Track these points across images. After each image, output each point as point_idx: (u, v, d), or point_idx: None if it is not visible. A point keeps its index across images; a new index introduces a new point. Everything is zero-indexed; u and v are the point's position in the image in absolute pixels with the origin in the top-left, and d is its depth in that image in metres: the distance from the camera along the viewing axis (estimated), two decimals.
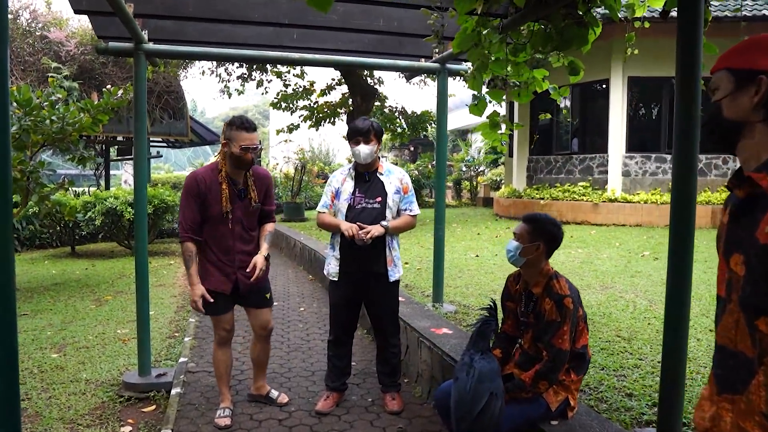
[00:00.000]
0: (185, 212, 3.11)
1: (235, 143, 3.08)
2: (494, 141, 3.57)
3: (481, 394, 2.21)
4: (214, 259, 3.21)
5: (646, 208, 10.64)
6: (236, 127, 3.10)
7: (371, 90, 12.19)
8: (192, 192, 3.11)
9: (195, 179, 3.13)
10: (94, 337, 5.09)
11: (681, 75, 2.08)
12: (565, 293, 2.40)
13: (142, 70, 3.77)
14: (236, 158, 3.11)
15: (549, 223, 2.54)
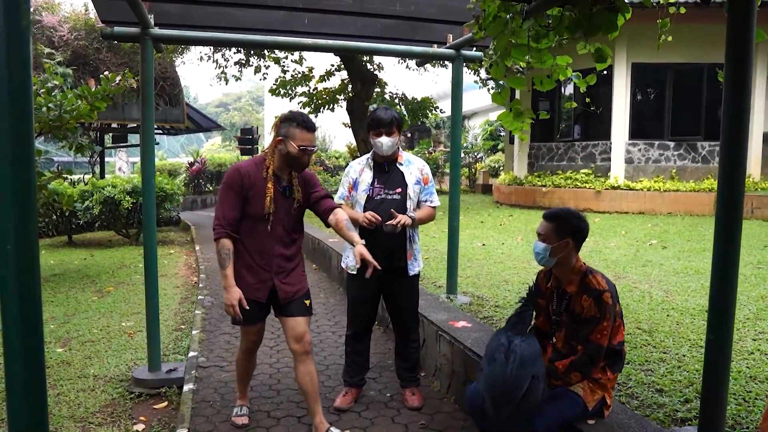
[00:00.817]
0: (224, 206, 2.77)
1: (292, 142, 2.75)
2: (515, 130, 3.46)
3: (523, 378, 2.15)
4: (248, 261, 2.86)
5: (649, 196, 10.59)
6: (297, 124, 2.77)
7: (371, 76, 12.03)
8: (234, 186, 2.77)
9: (239, 172, 2.78)
10: (98, 330, 4.99)
11: (733, 64, 1.98)
12: (604, 288, 2.32)
13: (149, 56, 3.63)
14: (291, 158, 2.79)
15: (573, 217, 2.46)
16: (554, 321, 2.50)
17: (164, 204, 10.40)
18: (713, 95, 11.24)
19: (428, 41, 4.41)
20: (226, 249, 2.77)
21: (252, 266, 2.87)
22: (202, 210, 18.82)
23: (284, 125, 2.80)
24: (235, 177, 2.77)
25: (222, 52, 13.16)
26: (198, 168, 20.36)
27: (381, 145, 3.24)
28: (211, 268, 7.93)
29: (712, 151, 11.19)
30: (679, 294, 4.53)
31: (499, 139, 22.41)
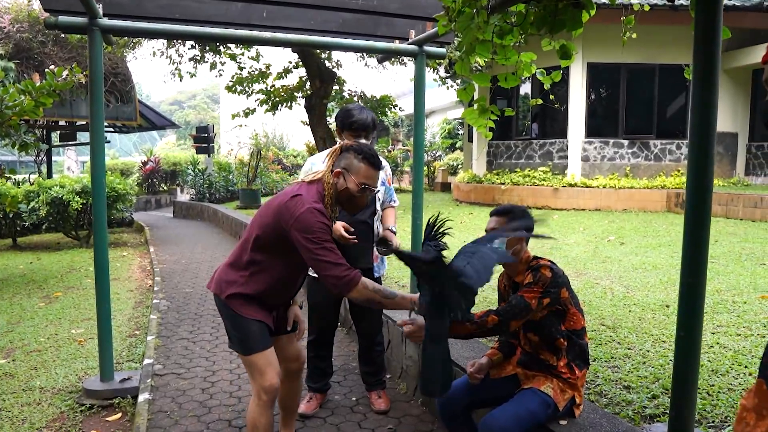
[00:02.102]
0: (335, 253, 2.18)
1: (354, 177, 2.30)
2: (480, 127, 3.42)
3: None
4: (268, 300, 2.42)
5: (604, 193, 10.81)
6: (364, 157, 2.31)
7: (330, 73, 11.88)
8: (329, 231, 2.24)
9: (326, 215, 2.24)
10: (45, 338, 4.73)
11: (701, 61, 1.97)
12: (544, 263, 2.31)
13: (98, 49, 3.43)
14: (348, 196, 2.32)
15: (521, 211, 2.41)
16: None
17: (116, 204, 10.02)
18: (665, 95, 11.58)
19: (390, 37, 4.33)
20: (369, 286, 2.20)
21: (263, 303, 2.43)
22: (156, 210, 18.28)
23: (346, 156, 2.34)
24: (326, 222, 2.22)
25: (176, 48, 12.76)
26: (152, 167, 19.78)
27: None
28: (167, 271, 7.67)
29: (664, 149, 11.52)
30: (640, 289, 4.60)
31: (457, 138, 22.57)
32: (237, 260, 2.39)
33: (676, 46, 10.98)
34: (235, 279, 2.36)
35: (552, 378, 2.32)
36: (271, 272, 2.34)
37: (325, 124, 12.12)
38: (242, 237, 2.43)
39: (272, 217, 2.27)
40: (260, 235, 2.31)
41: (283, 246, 2.24)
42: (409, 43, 4.20)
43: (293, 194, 2.26)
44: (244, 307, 2.34)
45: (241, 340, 2.36)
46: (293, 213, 2.19)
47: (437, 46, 4.42)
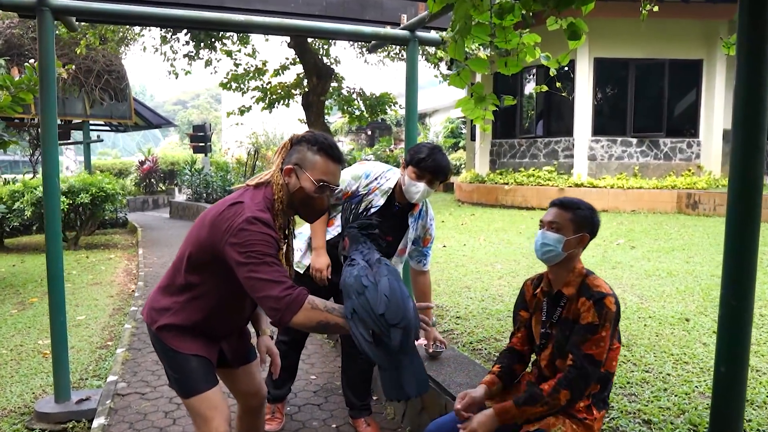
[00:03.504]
0: (278, 270, 1.73)
1: (309, 173, 1.85)
2: (477, 119, 3.03)
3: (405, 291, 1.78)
4: (208, 331, 1.98)
5: (612, 193, 10.39)
6: (319, 148, 1.87)
7: (328, 70, 11.51)
8: (275, 246, 1.78)
9: (272, 226, 1.79)
10: (9, 350, 4.36)
11: (747, 51, 1.58)
12: (607, 291, 1.90)
13: (49, 33, 3.05)
14: (303, 199, 1.87)
15: (589, 209, 2.01)
16: (542, 334, 2.06)
17: (104, 205, 9.66)
18: (675, 91, 11.15)
19: (380, 22, 3.94)
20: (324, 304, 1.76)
21: (207, 334, 1.99)
22: (154, 210, 17.94)
23: (298, 149, 1.89)
24: (272, 235, 1.76)
25: (170, 44, 12.41)
26: (149, 167, 19.45)
27: (414, 189, 2.69)
28: (152, 274, 7.30)
29: (674, 147, 11.09)
30: (654, 300, 4.19)
31: (460, 137, 22.16)
32: (170, 283, 1.95)
33: (687, 40, 10.55)
34: (167, 306, 1.93)
35: (564, 419, 1.92)
36: (209, 298, 1.90)
37: (323, 122, 11.75)
38: (177, 255, 1.98)
39: (207, 230, 1.83)
40: (194, 252, 1.87)
41: (222, 265, 1.80)
42: (400, 29, 3.81)
43: (232, 202, 1.82)
44: (178, 340, 1.91)
45: (179, 380, 1.93)
46: (230, 225, 1.74)
47: (431, 32, 4.03)
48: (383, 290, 1.66)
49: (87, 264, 8.12)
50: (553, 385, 1.87)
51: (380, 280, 1.69)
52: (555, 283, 2.03)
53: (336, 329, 1.74)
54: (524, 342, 2.17)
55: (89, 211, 9.61)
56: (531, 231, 7.94)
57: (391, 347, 1.61)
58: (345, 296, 1.71)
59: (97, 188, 9.27)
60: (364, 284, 1.68)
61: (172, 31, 11.97)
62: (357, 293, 1.67)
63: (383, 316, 1.61)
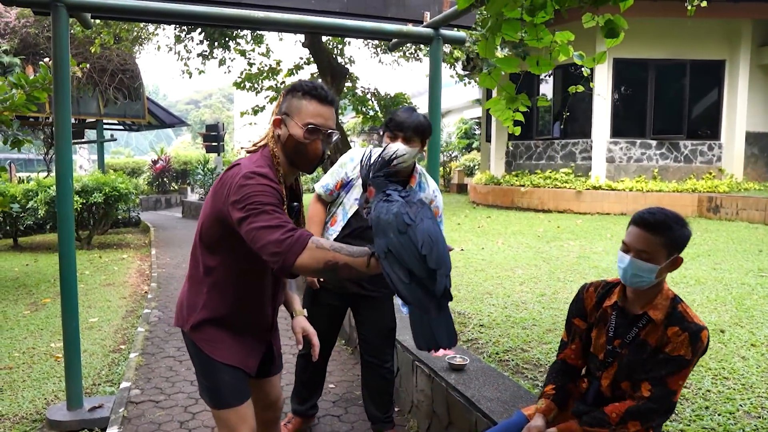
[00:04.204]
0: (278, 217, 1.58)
1: (296, 119, 1.75)
2: (506, 120, 2.90)
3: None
4: (240, 324, 1.86)
5: (631, 196, 10.19)
6: (304, 93, 1.77)
7: (342, 70, 11.39)
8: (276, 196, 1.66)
9: (272, 179, 1.68)
10: (21, 353, 4.29)
11: None
12: (703, 324, 1.77)
13: (63, 30, 2.96)
14: (295, 147, 1.76)
15: (680, 225, 1.80)
16: (609, 351, 1.91)
17: (117, 205, 9.62)
18: (696, 93, 10.92)
19: (402, 19, 3.82)
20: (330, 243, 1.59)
21: (245, 330, 1.87)
22: (166, 210, 17.95)
23: (286, 99, 1.81)
24: (272, 184, 1.65)
25: (184, 44, 12.37)
26: (162, 166, 19.47)
27: (389, 148, 2.55)
28: (164, 275, 7.23)
29: (695, 150, 10.86)
30: None
31: (474, 138, 21.98)
32: (192, 275, 1.84)
33: (709, 40, 10.33)
34: (194, 302, 1.81)
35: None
36: (229, 281, 1.78)
37: (338, 122, 11.63)
38: (194, 240, 1.88)
39: (210, 200, 1.75)
40: (204, 229, 1.77)
41: (233, 238, 1.68)
42: (423, 26, 3.69)
43: (230, 166, 1.75)
44: (212, 346, 1.80)
45: (211, 390, 1.82)
46: (230, 186, 1.65)
47: (455, 30, 3.90)
48: (427, 232, 1.49)
49: (100, 264, 8.06)
50: (622, 414, 1.74)
51: (423, 220, 1.51)
52: (635, 303, 1.87)
53: (346, 271, 1.55)
54: (579, 355, 2.02)
55: (102, 211, 9.57)
56: (549, 235, 7.77)
57: (431, 292, 1.44)
58: (378, 233, 1.52)
59: (111, 188, 9.22)
60: (406, 222, 1.50)
61: (186, 30, 11.92)
62: (397, 231, 1.49)
63: (426, 258, 1.45)
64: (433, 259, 1.44)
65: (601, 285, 2.03)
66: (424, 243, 1.45)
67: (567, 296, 4.50)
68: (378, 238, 1.53)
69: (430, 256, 1.44)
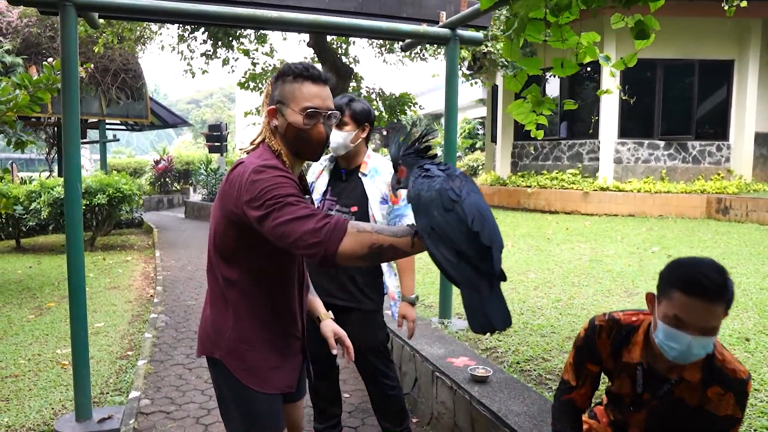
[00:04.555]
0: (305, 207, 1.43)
1: (292, 105, 1.60)
2: (529, 123, 2.81)
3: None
4: (276, 339, 1.68)
5: (639, 197, 10.10)
6: (295, 75, 1.61)
7: (347, 69, 11.31)
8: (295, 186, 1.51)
9: (284, 169, 1.53)
10: (26, 360, 4.20)
11: None
12: (745, 373, 1.60)
13: (71, 30, 2.87)
14: (296, 136, 1.61)
15: (727, 274, 1.55)
16: (636, 400, 1.76)
17: (121, 206, 9.53)
18: (705, 93, 10.82)
19: (416, 19, 3.73)
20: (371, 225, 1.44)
21: (281, 339, 1.70)
22: (168, 210, 17.87)
23: (276, 86, 1.65)
24: (287, 174, 1.51)
25: (188, 43, 12.28)
26: (164, 166, 19.38)
27: (331, 140, 2.35)
28: (170, 278, 7.14)
29: (703, 151, 10.77)
30: None
31: (477, 138, 21.90)
32: (215, 293, 1.66)
33: (718, 39, 10.23)
34: (221, 322, 1.63)
35: None
36: (255, 292, 1.62)
37: None
38: (207, 261, 1.71)
39: (219, 205, 1.59)
40: (218, 240, 1.62)
41: (251, 243, 1.55)
42: (440, 26, 3.60)
43: (234, 166, 1.60)
44: (250, 373, 1.61)
45: (245, 423, 1.63)
46: (239, 185, 1.50)
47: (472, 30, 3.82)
48: (476, 206, 1.36)
49: (104, 267, 7.98)
50: None
51: (470, 194, 1.39)
52: (664, 362, 1.65)
53: (391, 253, 1.40)
54: (588, 398, 1.87)
55: (106, 212, 9.48)
56: (559, 237, 7.68)
57: (481, 271, 1.32)
58: (419, 212, 1.40)
59: (114, 189, 9.13)
60: (452, 198, 1.37)
61: (189, 30, 11.83)
62: (442, 208, 1.37)
63: (478, 235, 1.31)
64: (486, 235, 1.31)
65: (614, 329, 1.77)
66: (474, 219, 1.32)
67: (582, 301, 4.42)
68: (419, 216, 1.40)
69: (483, 232, 1.31)
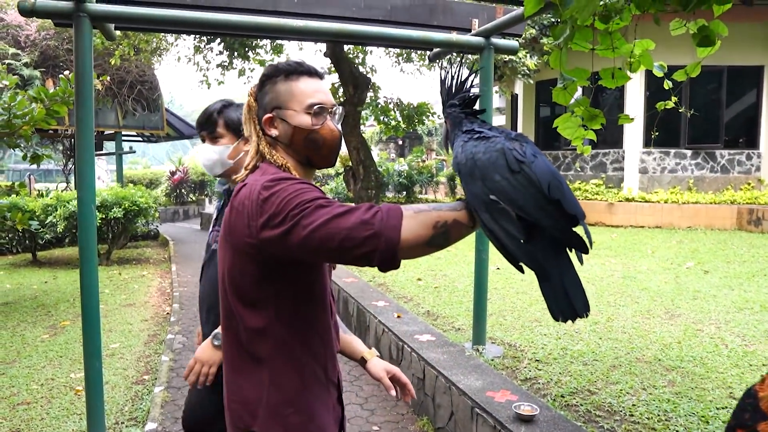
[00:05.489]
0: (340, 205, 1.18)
1: (292, 107, 1.36)
2: (576, 139, 2.59)
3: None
4: (320, 382, 1.38)
5: (666, 209, 9.79)
6: (287, 73, 1.38)
7: (364, 79, 11.14)
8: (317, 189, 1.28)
9: (297, 178, 1.31)
10: (39, 385, 4.03)
11: None
12: None
13: (86, 42, 2.71)
14: (306, 140, 1.36)
15: None
16: None
17: (137, 219, 9.41)
18: (734, 100, 10.50)
19: (448, 27, 3.53)
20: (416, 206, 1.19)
21: (323, 385, 1.39)
22: (184, 222, 17.80)
23: (264, 91, 1.40)
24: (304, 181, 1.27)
25: (203, 54, 12.21)
26: (180, 177, 19.33)
27: (203, 158, 2.02)
28: (187, 295, 6.97)
29: (732, 160, 10.43)
30: (760, 340, 3.67)
31: None
32: (236, 352, 1.34)
33: (748, 45, 9.92)
34: (253, 386, 1.32)
35: None
36: (293, 334, 1.32)
37: (359, 133, 11.39)
38: (222, 313, 1.39)
39: (229, 245, 1.30)
40: (235, 284, 1.31)
41: (285, 272, 1.28)
42: (473, 34, 3.39)
43: (236, 191, 1.31)
44: None
45: None
46: (250, 209, 1.22)
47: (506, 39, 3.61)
48: (547, 169, 1.12)
49: (120, 282, 7.84)
50: None
51: (537, 156, 1.15)
52: None
53: (457, 231, 1.16)
54: None
55: (122, 226, 9.38)
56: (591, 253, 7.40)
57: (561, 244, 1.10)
58: (473, 179, 1.16)
59: (130, 202, 9.02)
60: (518, 158, 1.13)
61: (205, 41, 11.77)
62: (508, 170, 1.12)
63: (559, 203, 1.07)
64: (569, 202, 1.07)
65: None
66: (551, 185, 1.08)
67: (622, 324, 4.16)
68: (473, 184, 1.15)
69: (565, 199, 1.07)
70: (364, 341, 4.56)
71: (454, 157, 1.24)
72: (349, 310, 5.07)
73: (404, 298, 5.09)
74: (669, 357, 3.43)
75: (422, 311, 4.64)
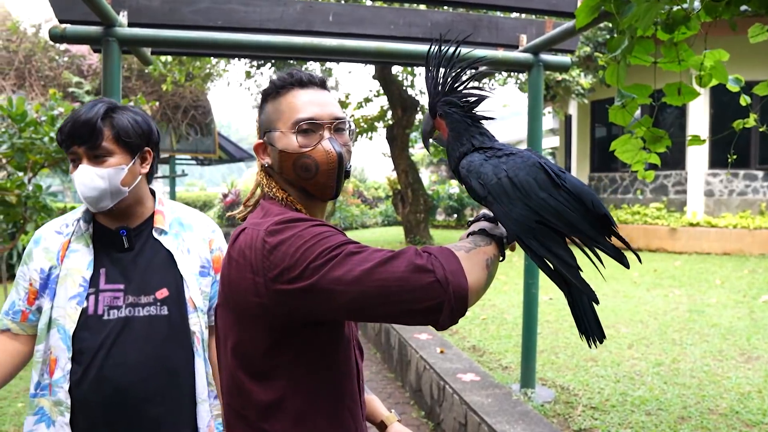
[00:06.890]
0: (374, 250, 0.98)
1: (280, 129, 1.15)
2: (637, 164, 2.30)
3: None
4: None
5: (735, 234, 9.11)
6: (276, 91, 1.17)
7: (413, 102, 11.02)
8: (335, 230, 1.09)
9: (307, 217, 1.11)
10: None
11: None
12: None
13: (115, 64, 2.64)
14: (296, 164, 1.14)
15: None
16: None
17: None
18: None
19: (493, 44, 3.31)
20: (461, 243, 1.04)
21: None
22: None
23: (261, 114, 1.21)
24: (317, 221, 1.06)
25: (254, 78, 12.42)
26: (232, 200, 19.69)
27: (77, 185, 1.42)
28: None
29: None
30: None
31: None
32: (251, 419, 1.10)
33: None
34: None
35: None
36: (315, 407, 1.09)
37: (408, 155, 11.25)
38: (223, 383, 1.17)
39: (228, 307, 1.10)
40: (243, 353, 1.08)
41: (304, 334, 1.06)
42: (520, 51, 3.16)
43: (231, 242, 1.10)
44: None
45: None
46: (253, 263, 1.01)
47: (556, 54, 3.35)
48: (579, 184, 1.04)
49: None
50: None
51: (564, 171, 1.06)
52: None
53: (495, 267, 1.03)
54: None
55: None
56: (648, 281, 6.91)
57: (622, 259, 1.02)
58: (512, 201, 1.02)
59: None
60: (557, 172, 1.04)
61: (256, 66, 11.96)
62: (553, 186, 1.01)
63: (607, 217, 1.02)
64: (611, 217, 1.04)
65: None
66: (593, 199, 1.02)
67: (690, 366, 3.74)
68: (511, 208, 1.01)
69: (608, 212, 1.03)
70: (405, 378, 4.30)
71: (473, 177, 1.08)
72: (391, 343, 4.83)
73: (449, 330, 4.80)
74: (749, 409, 3.02)
75: (468, 346, 4.35)
